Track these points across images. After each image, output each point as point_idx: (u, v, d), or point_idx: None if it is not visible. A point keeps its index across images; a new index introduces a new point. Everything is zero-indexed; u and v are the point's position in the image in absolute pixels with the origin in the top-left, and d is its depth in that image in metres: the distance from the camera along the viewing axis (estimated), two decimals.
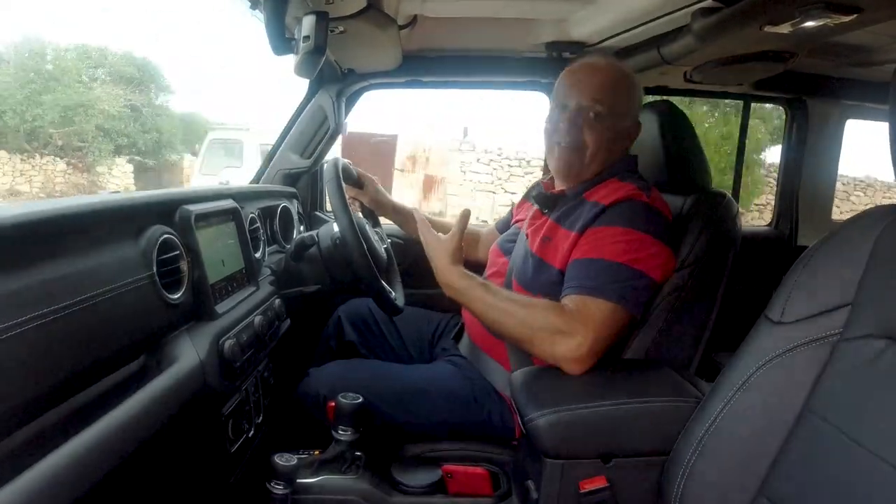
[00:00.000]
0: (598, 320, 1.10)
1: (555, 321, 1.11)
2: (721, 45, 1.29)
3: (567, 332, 1.09)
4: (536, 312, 1.13)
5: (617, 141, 1.30)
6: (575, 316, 1.11)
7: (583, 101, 1.26)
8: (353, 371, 1.35)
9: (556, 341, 1.10)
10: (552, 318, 1.11)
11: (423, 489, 1.21)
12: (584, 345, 1.08)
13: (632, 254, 1.14)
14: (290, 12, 1.07)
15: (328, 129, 1.88)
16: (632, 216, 1.17)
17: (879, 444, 0.67)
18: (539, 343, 1.12)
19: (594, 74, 1.28)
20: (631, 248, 1.14)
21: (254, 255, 1.26)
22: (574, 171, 1.31)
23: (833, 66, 1.79)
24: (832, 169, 2.23)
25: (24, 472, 0.55)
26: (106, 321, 0.73)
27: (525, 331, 1.13)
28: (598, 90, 1.26)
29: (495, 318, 1.16)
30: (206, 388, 0.92)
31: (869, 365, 0.72)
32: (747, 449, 0.82)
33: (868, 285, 0.75)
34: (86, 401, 0.71)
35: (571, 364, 1.10)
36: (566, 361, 1.10)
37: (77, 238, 0.73)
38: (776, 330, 0.83)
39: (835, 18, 1.03)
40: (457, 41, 1.73)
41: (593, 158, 1.28)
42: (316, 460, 1.21)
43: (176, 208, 0.98)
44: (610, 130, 1.27)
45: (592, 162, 1.29)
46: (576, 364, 1.09)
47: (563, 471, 1.03)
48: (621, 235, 1.15)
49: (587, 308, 1.11)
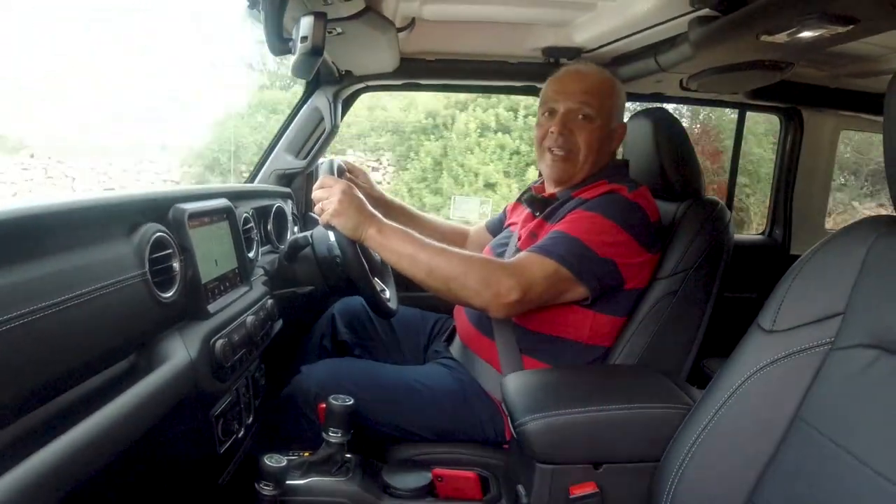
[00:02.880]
0: (536, 273, 1.15)
1: (493, 265, 1.16)
2: (717, 53, 1.30)
3: (501, 277, 1.13)
4: (475, 258, 1.18)
5: (606, 142, 1.35)
6: (515, 265, 1.17)
7: (572, 104, 1.31)
8: (345, 370, 1.35)
9: (489, 283, 1.13)
10: (491, 264, 1.17)
11: (413, 492, 1.20)
12: (516, 290, 1.12)
13: (593, 234, 1.18)
14: (289, 13, 1.07)
15: (324, 130, 1.87)
16: (605, 205, 1.22)
17: (869, 453, 0.67)
18: (472, 283, 1.14)
19: (580, 79, 1.34)
20: (593, 228, 1.19)
21: (247, 255, 1.25)
22: (567, 176, 1.36)
23: (829, 77, 1.80)
24: (826, 179, 2.24)
25: (11, 469, 0.55)
26: (97, 319, 0.72)
27: (459, 270, 1.15)
28: (585, 92, 1.31)
29: (429, 257, 1.16)
30: (196, 387, 0.91)
31: (860, 374, 0.72)
32: (738, 456, 0.82)
33: (860, 295, 0.76)
34: (75, 399, 0.70)
35: (497, 304, 1.13)
36: (493, 300, 1.13)
37: (69, 235, 0.72)
38: (768, 338, 0.83)
39: (831, 29, 1.03)
40: (454, 45, 1.73)
41: (586, 159, 1.33)
42: (306, 462, 1.20)
43: (169, 207, 0.97)
44: (600, 130, 1.32)
45: (585, 163, 1.33)
46: (501, 307, 1.14)
47: (553, 476, 1.03)
48: (588, 218, 1.21)
49: (529, 261, 1.17)
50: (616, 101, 1.36)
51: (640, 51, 1.55)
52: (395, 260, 1.19)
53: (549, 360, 1.29)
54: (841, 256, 0.80)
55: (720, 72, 1.46)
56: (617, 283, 1.22)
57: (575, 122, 1.32)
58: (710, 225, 1.29)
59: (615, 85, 1.37)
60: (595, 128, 1.31)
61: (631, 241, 1.20)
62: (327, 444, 1.20)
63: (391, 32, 1.37)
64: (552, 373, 1.25)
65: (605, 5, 1.36)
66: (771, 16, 1.03)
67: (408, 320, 1.65)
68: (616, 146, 1.40)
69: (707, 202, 1.36)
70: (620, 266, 1.20)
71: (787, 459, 0.77)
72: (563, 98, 1.33)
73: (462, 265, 1.15)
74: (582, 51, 1.64)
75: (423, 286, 1.18)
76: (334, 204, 1.17)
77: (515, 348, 1.29)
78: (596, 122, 1.31)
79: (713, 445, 0.85)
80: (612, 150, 1.39)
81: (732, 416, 0.84)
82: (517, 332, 1.30)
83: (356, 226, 1.18)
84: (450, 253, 1.17)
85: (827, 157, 2.21)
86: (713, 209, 1.33)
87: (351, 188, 1.20)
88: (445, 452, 1.31)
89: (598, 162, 1.34)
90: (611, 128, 1.35)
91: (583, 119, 1.31)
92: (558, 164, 1.34)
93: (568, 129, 1.32)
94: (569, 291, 1.19)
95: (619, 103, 1.38)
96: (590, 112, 1.31)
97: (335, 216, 1.17)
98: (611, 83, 1.36)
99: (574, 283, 1.17)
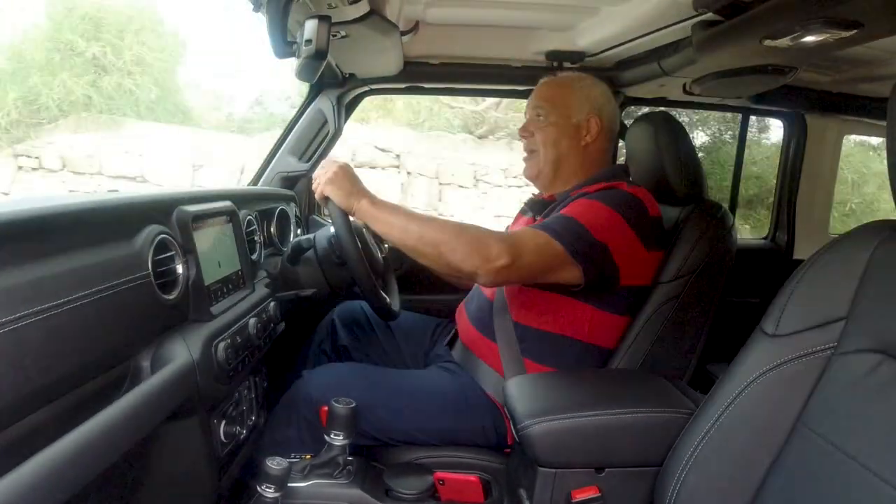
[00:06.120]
0: (528, 242, 1.17)
1: (484, 231, 1.18)
2: (720, 57, 1.30)
3: (491, 242, 1.14)
4: (466, 225, 1.21)
5: (571, 136, 1.38)
6: (508, 234, 1.22)
7: (531, 110, 1.43)
8: (347, 375, 1.35)
9: (479, 247, 1.14)
10: (482, 230, 1.19)
11: (415, 496, 1.20)
12: (505, 255, 1.13)
13: (590, 217, 1.20)
14: (293, 16, 1.08)
15: (328, 133, 1.88)
16: (604, 195, 1.26)
17: (872, 459, 0.67)
18: (461, 247, 1.15)
19: (540, 87, 1.45)
20: (590, 212, 1.22)
21: (250, 258, 1.26)
22: (533, 173, 1.44)
23: (832, 81, 1.80)
24: (830, 183, 2.24)
25: (11, 471, 0.55)
26: (100, 320, 0.73)
27: (450, 234, 1.17)
28: (539, 97, 1.42)
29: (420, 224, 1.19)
30: (198, 390, 0.91)
31: (863, 379, 0.72)
32: (740, 461, 0.82)
33: (863, 300, 0.76)
34: (77, 400, 0.70)
35: (486, 269, 1.14)
36: (483, 265, 1.14)
37: (72, 236, 0.72)
38: (771, 343, 0.83)
39: (835, 33, 1.03)
40: (457, 48, 1.73)
41: (546, 156, 1.39)
42: (308, 465, 1.20)
43: (173, 209, 0.97)
44: (556, 126, 1.38)
45: (546, 160, 1.39)
46: (490, 272, 1.14)
47: (555, 479, 1.03)
48: (587, 204, 1.24)
49: (522, 231, 1.23)
50: (576, 98, 1.39)
51: (643, 55, 1.55)
52: (386, 230, 1.22)
53: (550, 361, 1.28)
54: (844, 261, 0.80)
55: (723, 76, 1.46)
56: (612, 273, 1.22)
57: (534, 124, 1.41)
58: (712, 229, 1.29)
59: (575, 83, 1.42)
60: (549, 125, 1.38)
61: (628, 231, 1.21)
62: (329, 446, 1.20)
63: (395, 36, 1.38)
64: (554, 377, 1.25)
65: (608, 10, 1.36)
66: (774, 20, 1.03)
67: (408, 325, 1.65)
68: (593, 139, 1.38)
69: (710, 206, 1.36)
70: (615, 254, 1.20)
71: (790, 464, 0.77)
72: (528, 108, 1.45)
73: (453, 230, 1.17)
74: (585, 55, 1.64)
75: (415, 255, 1.21)
76: (329, 174, 1.23)
77: (517, 350, 1.29)
78: (550, 118, 1.38)
79: (716, 450, 0.85)
80: (588, 144, 1.38)
81: (735, 420, 0.84)
82: (518, 329, 1.30)
83: (348, 195, 1.22)
84: (441, 221, 1.22)
85: (830, 162, 2.21)
86: (716, 213, 1.33)
87: (347, 166, 1.27)
88: (447, 456, 1.31)
89: (563, 156, 1.39)
90: (573, 123, 1.38)
91: (538, 118, 1.40)
92: (526, 163, 1.46)
93: (529, 131, 1.42)
94: (560, 269, 1.18)
95: (582, 98, 1.39)
96: (542, 112, 1.39)
97: (328, 184, 1.23)
98: (568, 82, 1.43)
99: (566, 261, 1.17)
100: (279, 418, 1.32)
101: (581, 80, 1.43)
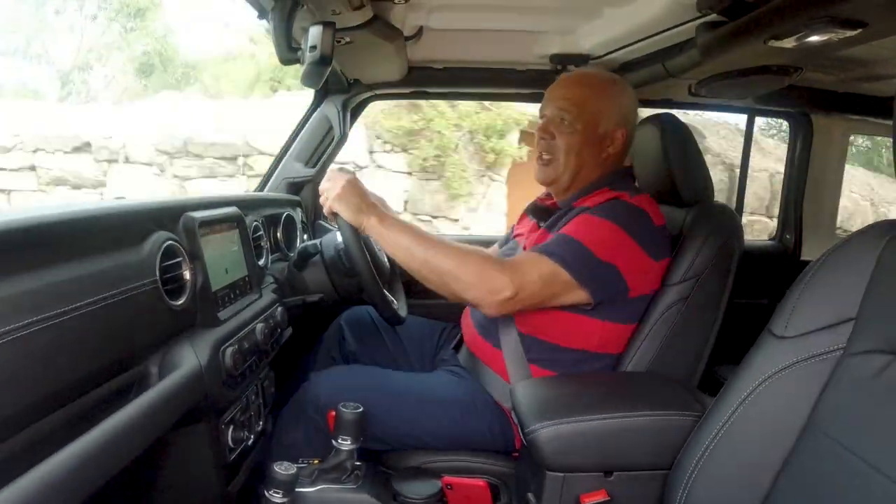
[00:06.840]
0: (532, 272, 1.14)
1: (489, 261, 1.16)
2: (725, 58, 1.29)
3: (495, 273, 1.13)
4: (472, 253, 1.18)
5: (593, 147, 1.32)
6: (512, 263, 1.17)
7: (553, 109, 1.32)
8: (354, 378, 1.35)
9: (483, 278, 1.13)
10: (487, 260, 1.16)
11: (423, 500, 1.20)
12: (509, 287, 1.12)
13: (596, 238, 1.17)
14: (298, 22, 1.08)
15: (333, 139, 1.89)
16: (608, 210, 1.21)
17: (881, 459, 0.66)
18: (466, 277, 1.14)
19: (567, 84, 1.34)
20: (596, 232, 1.18)
21: (257, 263, 1.26)
22: (549, 179, 1.36)
23: (837, 81, 1.79)
24: (836, 183, 2.23)
25: (20, 477, 0.55)
26: (108, 326, 0.73)
27: (454, 263, 1.16)
28: (565, 98, 1.31)
29: (426, 249, 1.18)
30: (206, 395, 0.91)
31: (872, 380, 0.71)
32: (749, 464, 0.82)
33: (872, 300, 0.75)
34: (86, 406, 0.71)
35: (490, 301, 1.13)
36: (486, 296, 1.13)
37: (80, 243, 0.73)
38: (779, 344, 0.82)
39: (840, 33, 1.03)
40: (462, 53, 1.73)
41: (566, 164, 1.32)
42: (315, 469, 1.20)
43: (180, 215, 0.98)
44: (581, 135, 1.30)
45: (566, 168, 1.32)
46: (494, 304, 1.14)
47: (563, 484, 1.03)
48: (592, 222, 1.20)
49: (528, 260, 1.17)
50: (606, 105, 1.31)
51: (647, 57, 1.55)
52: (393, 250, 1.22)
53: (557, 368, 1.27)
54: (852, 261, 0.79)
55: (728, 77, 1.45)
56: (621, 290, 1.20)
57: (557, 127, 1.32)
58: (719, 231, 1.28)
59: (606, 87, 1.33)
60: (574, 132, 1.30)
61: (635, 247, 1.19)
62: (337, 451, 1.20)
63: (399, 41, 1.38)
64: (562, 380, 1.24)
65: (611, 12, 1.36)
66: (778, 20, 1.03)
67: (415, 330, 1.64)
68: (615, 152, 1.34)
69: (716, 208, 1.36)
70: (623, 271, 1.18)
71: (799, 466, 0.77)
72: (549, 103, 1.34)
73: (457, 259, 1.16)
74: (589, 57, 1.64)
75: (419, 278, 1.21)
76: (337, 189, 1.22)
77: (522, 357, 1.28)
78: (575, 126, 1.30)
79: (725, 452, 0.85)
80: (609, 156, 1.34)
81: (744, 422, 0.83)
82: (524, 340, 1.29)
83: (357, 211, 1.21)
84: (447, 247, 1.19)
85: (837, 162, 2.20)
86: (722, 215, 1.33)
87: (356, 179, 1.24)
88: (455, 460, 1.31)
89: (583, 167, 1.32)
90: (598, 133, 1.31)
91: (563, 123, 1.31)
92: (541, 168, 1.36)
93: (549, 133, 1.33)
94: (567, 294, 1.17)
95: (612, 107, 1.32)
96: (567, 117, 1.30)
97: (337, 200, 1.21)
98: (602, 86, 1.33)
99: (573, 287, 1.15)
100: (286, 421, 1.32)
101: (613, 84, 1.35)
